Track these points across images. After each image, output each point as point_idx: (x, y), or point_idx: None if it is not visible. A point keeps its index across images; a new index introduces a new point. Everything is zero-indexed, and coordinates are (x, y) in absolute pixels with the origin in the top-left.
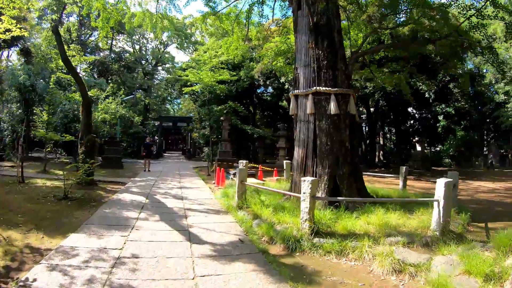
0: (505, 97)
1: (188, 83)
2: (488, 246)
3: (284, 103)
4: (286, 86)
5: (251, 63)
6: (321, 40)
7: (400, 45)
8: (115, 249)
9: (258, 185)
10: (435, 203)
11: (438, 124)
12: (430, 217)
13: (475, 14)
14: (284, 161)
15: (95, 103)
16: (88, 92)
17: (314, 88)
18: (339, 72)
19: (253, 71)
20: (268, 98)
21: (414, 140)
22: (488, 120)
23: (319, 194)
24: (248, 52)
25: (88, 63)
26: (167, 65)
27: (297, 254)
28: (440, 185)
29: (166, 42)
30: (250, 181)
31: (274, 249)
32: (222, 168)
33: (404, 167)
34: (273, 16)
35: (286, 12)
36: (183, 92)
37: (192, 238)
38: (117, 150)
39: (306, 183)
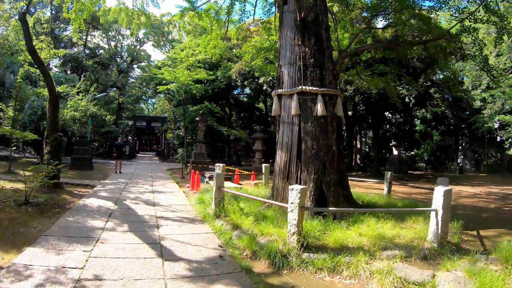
0: (481, 104)
1: (163, 82)
2: (491, 258)
3: (261, 104)
4: (265, 87)
5: (229, 63)
6: (308, 37)
7: (389, 45)
8: (76, 268)
9: (237, 192)
10: (433, 213)
11: (415, 129)
12: (425, 227)
13: (468, 17)
14: (263, 165)
15: (64, 100)
16: (58, 88)
17: (300, 87)
18: (326, 71)
19: (231, 71)
20: (245, 100)
21: (391, 144)
22: (463, 126)
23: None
24: (226, 52)
25: (60, 57)
26: (143, 64)
27: (285, 272)
28: (438, 193)
29: (142, 40)
30: (227, 185)
31: (259, 266)
32: (197, 171)
33: (389, 173)
34: (254, 14)
35: (269, 9)
36: (158, 91)
37: (165, 254)
38: (87, 150)
39: (294, 192)
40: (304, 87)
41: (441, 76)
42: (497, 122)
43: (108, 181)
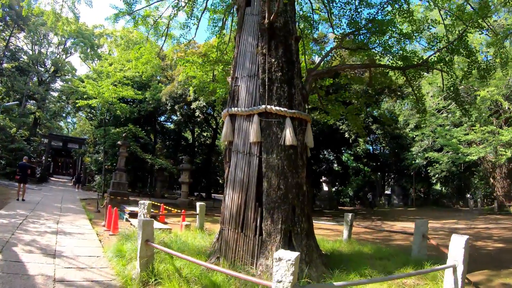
0: (410, 142)
1: (85, 96)
2: None
3: (188, 133)
4: (197, 113)
5: (160, 84)
6: (275, 46)
7: (367, 66)
8: None
9: (175, 252)
10: (449, 271)
11: (348, 165)
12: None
13: (446, 47)
14: (198, 204)
15: None
16: None
17: (263, 106)
18: (295, 89)
19: (161, 93)
20: (172, 127)
21: (321, 180)
22: (396, 162)
23: (269, 262)
24: (158, 71)
25: None
26: (67, 77)
27: None
28: (457, 244)
29: (69, 50)
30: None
31: None
32: (115, 207)
33: (350, 214)
34: (197, 29)
35: (216, 25)
36: (77, 105)
37: None
38: None
39: (284, 264)
40: (269, 106)
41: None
42: (426, 159)
43: (3, 212)
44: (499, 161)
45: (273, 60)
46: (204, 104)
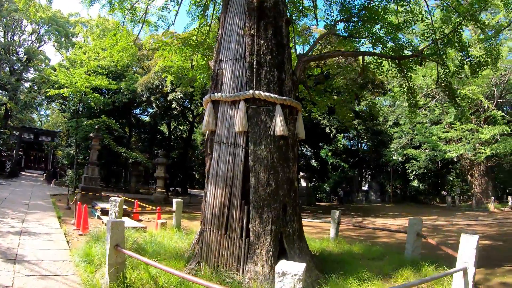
0: (389, 139)
1: (56, 85)
2: None
3: (164, 126)
4: (174, 105)
5: (136, 74)
6: (264, 27)
7: (361, 54)
8: None
9: (148, 260)
10: (459, 274)
11: (327, 161)
12: None
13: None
14: (174, 200)
15: None
16: None
17: (251, 92)
18: (286, 75)
19: (137, 84)
20: (147, 120)
21: (299, 176)
22: (367, 158)
23: (258, 268)
24: (134, 61)
25: None
26: (40, 67)
27: None
28: (468, 244)
29: (43, 38)
30: (125, 223)
31: None
32: (85, 204)
33: (338, 212)
34: (176, 16)
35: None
36: (47, 95)
37: None
38: None
39: (289, 279)
40: (257, 92)
41: (365, 108)
42: (404, 155)
43: None
44: (478, 159)
45: (262, 42)
46: (182, 95)
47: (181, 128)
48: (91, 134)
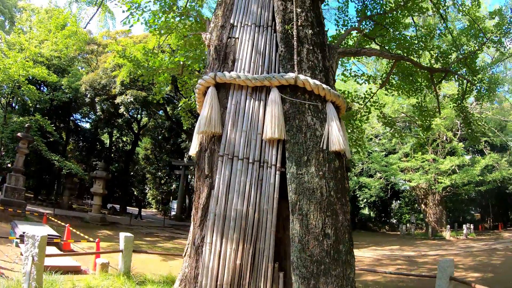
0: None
1: None
2: None
3: (105, 136)
4: (121, 110)
5: (82, 70)
6: None
7: (397, 57)
8: None
9: None
10: None
11: None
12: None
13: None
14: (122, 236)
15: None
16: None
17: (292, 75)
18: (329, 63)
19: (80, 81)
20: (88, 127)
21: None
22: None
23: None
24: (83, 48)
25: None
26: None
27: None
28: None
29: None
30: (50, 261)
31: None
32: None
33: None
34: None
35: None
36: None
37: None
38: None
39: None
40: (302, 76)
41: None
42: (358, 183)
43: None
44: (437, 188)
45: (299, 10)
46: (132, 99)
47: (125, 139)
48: (18, 134)
